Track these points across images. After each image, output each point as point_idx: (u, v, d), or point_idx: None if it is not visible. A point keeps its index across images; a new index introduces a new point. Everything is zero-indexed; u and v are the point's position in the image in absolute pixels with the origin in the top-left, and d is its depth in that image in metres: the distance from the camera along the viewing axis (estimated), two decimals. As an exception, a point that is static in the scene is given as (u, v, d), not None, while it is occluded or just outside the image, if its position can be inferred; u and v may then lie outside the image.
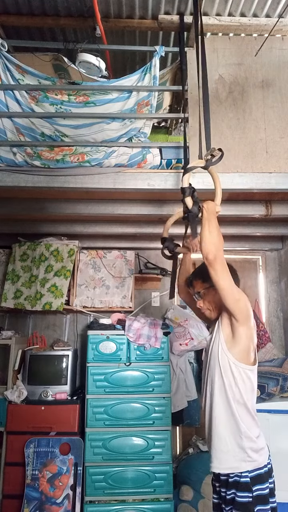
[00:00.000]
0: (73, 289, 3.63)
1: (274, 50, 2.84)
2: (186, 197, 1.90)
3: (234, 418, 1.65)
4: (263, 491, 1.59)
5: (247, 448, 1.62)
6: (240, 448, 1.63)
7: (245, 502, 1.56)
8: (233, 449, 1.63)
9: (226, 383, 1.66)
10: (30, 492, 2.93)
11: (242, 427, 1.64)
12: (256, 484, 1.59)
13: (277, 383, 3.05)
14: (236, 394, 1.65)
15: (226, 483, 1.65)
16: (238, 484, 1.59)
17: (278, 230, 3.52)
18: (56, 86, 2.69)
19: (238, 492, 1.58)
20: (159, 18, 2.71)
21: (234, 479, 1.61)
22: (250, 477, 1.59)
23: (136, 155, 2.68)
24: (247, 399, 1.65)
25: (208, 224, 1.71)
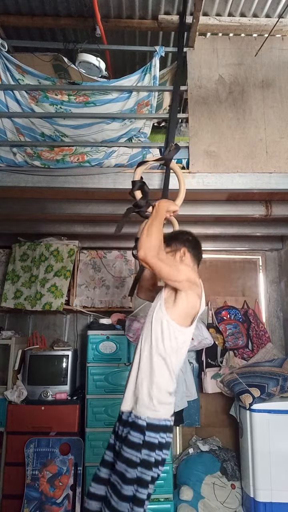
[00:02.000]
0: (73, 289, 3.64)
1: (274, 50, 2.84)
2: (135, 190, 1.90)
3: (151, 367, 1.73)
4: (153, 439, 1.66)
5: (154, 397, 1.70)
6: (148, 396, 1.70)
7: (135, 442, 1.65)
8: (142, 395, 1.71)
9: (153, 336, 1.75)
10: (30, 492, 2.93)
11: (156, 378, 1.72)
12: (150, 431, 1.67)
13: (277, 383, 3.05)
14: (159, 348, 1.73)
15: (125, 422, 1.74)
16: (134, 424, 1.69)
17: (278, 230, 3.52)
18: (56, 86, 2.69)
19: (132, 431, 1.67)
20: (159, 18, 2.71)
21: (133, 419, 1.70)
22: (147, 422, 1.67)
23: (136, 155, 2.68)
24: (168, 356, 1.73)
25: (150, 222, 1.74)
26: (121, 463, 1.65)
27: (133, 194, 1.91)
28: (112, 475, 1.70)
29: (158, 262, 1.65)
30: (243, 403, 3.00)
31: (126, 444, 1.67)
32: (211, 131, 2.70)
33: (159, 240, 1.67)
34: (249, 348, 3.69)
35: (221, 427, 3.67)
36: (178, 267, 1.76)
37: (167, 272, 1.69)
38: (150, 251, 1.63)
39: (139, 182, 1.90)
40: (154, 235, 1.66)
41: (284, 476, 2.84)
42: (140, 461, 1.63)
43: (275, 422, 2.92)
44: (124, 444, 1.68)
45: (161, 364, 1.73)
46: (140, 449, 1.64)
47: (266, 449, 2.87)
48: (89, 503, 1.74)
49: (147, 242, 1.64)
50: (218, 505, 3.05)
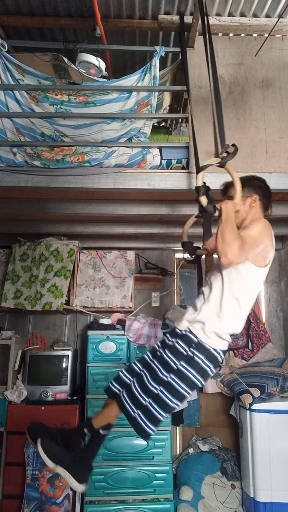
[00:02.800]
0: (73, 289, 3.63)
1: (274, 50, 2.84)
2: (201, 196, 1.89)
3: (221, 306, 1.73)
4: (197, 359, 1.67)
5: (215, 328, 1.71)
6: (210, 325, 1.71)
7: (179, 350, 1.69)
8: (205, 322, 1.72)
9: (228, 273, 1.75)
10: (30, 492, 2.93)
11: (224, 317, 1.72)
12: (197, 350, 1.68)
13: (277, 383, 3.05)
14: (233, 286, 1.74)
15: (175, 334, 1.78)
16: (184, 336, 1.72)
17: (278, 230, 3.51)
18: (56, 86, 2.69)
19: (180, 341, 1.71)
20: (159, 18, 2.71)
21: (186, 333, 1.73)
22: (198, 340, 1.69)
23: (136, 155, 2.68)
24: (240, 295, 1.74)
25: (222, 227, 1.71)
26: (158, 362, 1.70)
27: (199, 200, 1.90)
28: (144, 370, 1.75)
29: (242, 257, 1.67)
30: (243, 403, 3.00)
31: (170, 350, 1.70)
32: (211, 131, 2.69)
33: (235, 240, 1.65)
34: (249, 348, 3.69)
35: (221, 427, 3.67)
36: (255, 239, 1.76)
37: (253, 254, 1.73)
38: (232, 255, 1.62)
39: (203, 187, 1.90)
40: (230, 239, 1.65)
41: (284, 476, 2.84)
42: (176, 368, 1.66)
43: (275, 422, 2.92)
44: (168, 349, 1.71)
45: (231, 304, 1.73)
46: (180, 359, 1.67)
47: (266, 449, 2.87)
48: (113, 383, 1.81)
49: (225, 248, 1.63)
50: (218, 505, 3.05)
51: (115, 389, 1.79)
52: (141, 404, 1.68)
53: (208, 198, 1.88)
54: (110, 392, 1.81)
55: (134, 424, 1.69)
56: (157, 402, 1.66)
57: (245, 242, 1.68)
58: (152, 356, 1.80)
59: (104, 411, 1.81)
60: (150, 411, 1.66)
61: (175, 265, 4.06)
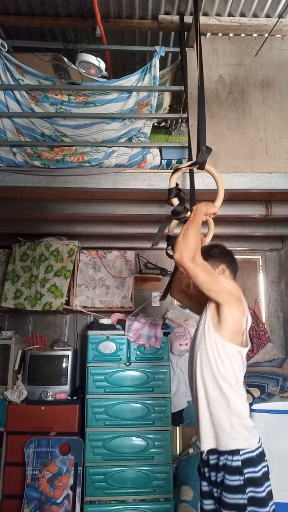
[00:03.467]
0: (73, 289, 3.63)
1: (274, 50, 2.84)
2: (172, 197, 1.90)
3: (222, 395, 1.62)
4: (256, 474, 1.54)
5: (236, 425, 1.59)
6: (230, 425, 1.59)
7: (235, 485, 1.52)
8: (223, 426, 1.60)
9: (212, 362, 1.65)
10: (30, 492, 2.93)
11: (231, 403, 1.61)
12: (248, 467, 1.54)
13: (277, 383, 3.05)
14: (222, 372, 1.63)
15: (215, 466, 1.61)
16: (226, 467, 1.55)
17: (278, 230, 3.52)
18: (56, 86, 2.69)
19: (228, 475, 1.54)
20: (159, 18, 2.71)
21: (224, 462, 1.56)
22: (241, 460, 1.54)
23: (136, 155, 2.68)
24: (234, 378, 1.64)
25: (187, 225, 1.71)
26: (228, 510, 1.53)
27: (170, 201, 1.91)
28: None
29: (194, 266, 1.60)
30: (243, 403, 3.00)
31: (227, 490, 1.53)
32: (211, 131, 2.70)
33: (196, 244, 1.63)
34: (249, 348, 3.69)
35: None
36: (217, 276, 1.70)
37: (204, 277, 1.62)
38: (186, 253, 1.59)
39: (175, 189, 1.91)
40: (190, 238, 1.63)
41: (284, 476, 2.84)
42: (248, 501, 1.51)
43: (275, 422, 2.91)
44: (224, 490, 1.54)
45: (230, 390, 1.62)
46: (244, 490, 1.51)
47: (266, 449, 2.86)
48: None
49: (183, 245, 1.61)
50: (218, 505, 3.05)
51: None
52: None
53: (179, 199, 1.89)
54: None
55: None
56: None
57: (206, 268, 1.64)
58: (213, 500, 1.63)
59: None
60: None
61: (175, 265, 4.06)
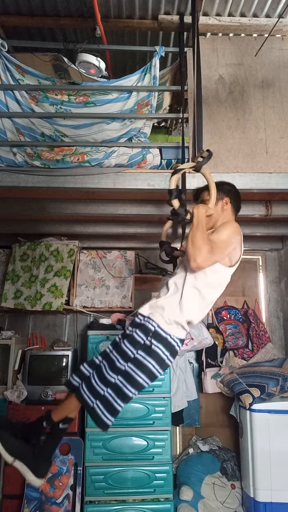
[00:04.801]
0: (73, 289, 3.63)
1: (274, 50, 2.84)
2: (173, 199, 1.90)
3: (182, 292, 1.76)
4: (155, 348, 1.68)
5: (174, 314, 1.73)
6: (169, 311, 1.73)
7: (136, 339, 1.70)
8: (165, 307, 1.74)
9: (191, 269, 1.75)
10: (30, 492, 2.93)
11: (184, 303, 1.74)
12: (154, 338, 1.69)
13: (277, 383, 3.05)
14: (196, 279, 1.76)
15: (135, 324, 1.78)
16: (142, 325, 1.72)
17: (278, 230, 3.52)
18: (56, 86, 2.69)
19: (138, 331, 1.72)
20: (159, 18, 2.71)
21: (144, 322, 1.73)
22: (155, 328, 1.70)
23: (136, 155, 2.68)
24: (202, 288, 1.77)
25: (192, 232, 1.75)
26: (116, 352, 1.72)
27: (170, 203, 1.91)
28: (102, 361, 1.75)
29: (210, 261, 1.70)
30: (243, 403, 3.00)
31: (128, 339, 1.71)
32: (211, 131, 2.70)
33: (204, 245, 1.68)
34: (249, 348, 3.69)
35: (221, 427, 3.67)
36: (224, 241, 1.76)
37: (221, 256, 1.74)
38: (200, 259, 1.66)
39: (176, 190, 1.91)
40: (200, 243, 1.68)
41: (284, 476, 2.84)
42: (133, 357, 1.67)
43: (275, 422, 2.92)
44: (126, 339, 1.72)
45: (192, 295, 1.76)
46: (138, 348, 1.68)
47: (266, 449, 2.87)
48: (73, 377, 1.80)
49: (196, 252, 1.66)
50: (218, 505, 3.05)
51: (75, 382, 1.78)
52: (99, 394, 1.67)
53: (180, 201, 1.89)
54: (70, 385, 1.80)
55: (93, 415, 1.68)
56: (115, 392, 1.67)
57: (215, 246, 1.72)
58: (112, 348, 1.80)
59: (64, 404, 1.81)
60: (108, 401, 1.66)
61: (175, 265, 4.06)
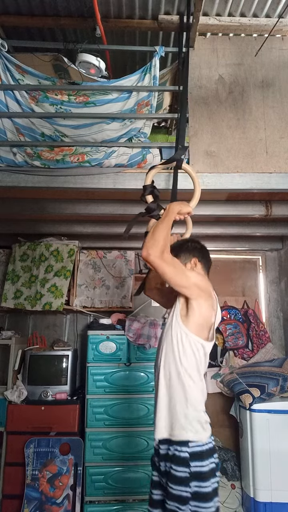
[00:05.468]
0: (73, 289, 3.63)
1: (274, 50, 2.84)
2: (146, 195, 1.92)
3: (182, 386, 1.64)
4: (202, 468, 1.55)
5: (190, 417, 1.61)
6: (185, 417, 1.61)
7: (181, 476, 1.53)
8: (178, 418, 1.62)
9: (176, 353, 1.67)
10: (30, 492, 2.93)
11: (189, 397, 1.63)
12: (195, 460, 1.55)
13: (277, 383, 3.05)
14: (184, 364, 1.66)
15: (164, 456, 1.63)
16: (174, 458, 1.57)
17: (278, 230, 3.52)
18: (56, 86, 2.69)
19: (174, 466, 1.56)
20: (159, 18, 2.71)
21: (173, 452, 1.59)
22: (189, 452, 1.56)
23: (136, 155, 2.68)
24: (196, 371, 1.67)
25: (157, 223, 1.73)
26: (172, 501, 1.53)
27: (144, 198, 1.92)
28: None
29: (161, 263, 1.60)
30: (243, 403, 3.00)
31: (172, 481, 1.55)
32: (211, 131, 2.70)
33: (164, 241, 1.63)
34: (249, 348, 3.69)
35: (221, 427, 3.67)
36: (186, 272, 1.70)
37: (172, 274, 1.63)
38: (153, 250, 1.59)
39: (150, 186, 1.93)
40: (159, 236, 1.63)
41: (284, 476, 2.84)
42: (191, 495, 1.51)
43: (275, 422, 2.92)
44: (169, 481, 1.56)
45: (190, 382, 1.65)
46: (187, 482, 1.52)
47: (266, 449, 2.87)
48: None
49: (151, 242, 1.61)
50: (218, 505, 3.05)
51: None
52: None
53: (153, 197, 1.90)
54: None
55: None
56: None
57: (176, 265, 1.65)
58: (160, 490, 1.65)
59: None
60: None
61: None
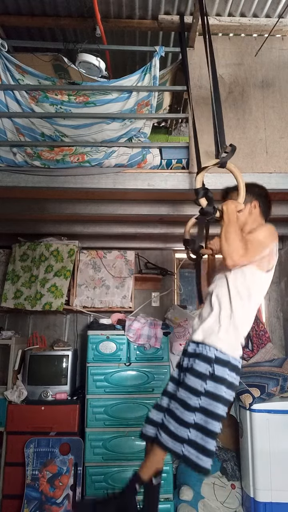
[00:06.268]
0: (73, 289, 3.63)
1: (274, 50, 2.84)
2: (200, 198, 1.89)
3: (231, 304, 1.70)
4: (221, 374, 1.61)
5: (232, 334, 1.67)
6: (226, 330, 1.67)
7: (201, 372, 1.60)
8: (219, 327, 1.67)
9: (232, 275, 1.73)
10: (30, 492, 2.93)
11: (235, 315, 1.69)
12: (218, 365, 1.61)
13: (277, 383, 3.05)
14: (239, 286, 1.71)
15: (191, 354, 1.69)
16: (201, 355, 1.64)
17: (278, 230, 3.47)
18: (56, 86, 2.69)
19: (198, 361, 1.62)
20: (159, 18, 2.71)
21: (201, 351, 1.65)
22: (215, 355, 1.62)
23: (136, 155, 2.68)
24: (247, 296, 1.72)
25: (225, 228, 1.71)
26: (184, 390, 1.60)
27: (198, 202, 1.90)
28: (171, 403, 1.64)
29: (247, 260, 1.66)
30: (243, 403, 3.00)
31: (191, 373, 1.61)
32: (211, 131, 2.69)
33: (238, 242, 1.65)
34: (249, 348, 3.69)
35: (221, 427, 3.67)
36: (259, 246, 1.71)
37: (256, 257, 1.69)
38: (236, 256, 1.63)
39: (202, 189, 1.89)
40: (233, 240, 1.65)
41: (284, 476, 2.84)
42: (204, 391, 1.57)
43: (275, 422, 2.91)
44: (189, 373, 1.62)
45: (240, 304, 1.71)
46: (204, 379, 1.59)
47: (266, 449, 2.87)
48: (146, 427, 1.73)
49: (230, 249, 1.64)
50: (218, 505, 3.04)
51: (150, 433, 1.70)
52: (183, 439, 1.56)
53: (207, 199, 1.88)
54: (146, 437, 1.72)
55: (188, 462, 1.55)
56: (200, 431, 1.57)
57: (251, 245, 1.68)
58: (176, 385, 1.71)
59: (148, 458, 1.72)
60: (197, 444, 1.56)
61: (175, 265, 4.06)
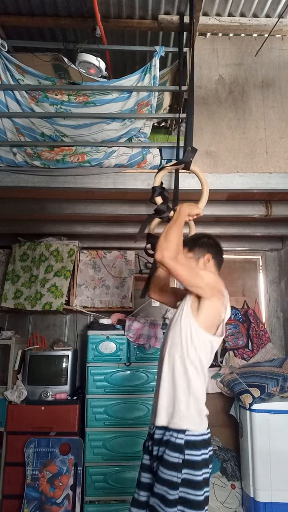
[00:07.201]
0: (73, 289, 3.64)
1: (274, 50, 2.84)
2: (155, 196, 1.91)
3: (186, 376, 1.65)
4: (195, 457, 1.55)
5: (191, 407, 1.62)
6: (186, 406, 1.62)
7: (174, 462, 1.54)
8: (179, 406, 1.62)
9: (183, 344, 1.68)
10: (30, 492, 2.94)
11: (193, 388, 1.64)
12: (190, 449, 1.56)
13: (277, 383, 3.05)
14: (191, 355, 1.66)
15: (159, 441, 1.63)
16: (169, 443, 1.58)
17: (278, 230, 3.52)
18: (56, 86, 2.69)
19: (168, 450, 1.56)
20: (159, 18, 2.71)
21: (168, 438, 1.59)
22: (185, 439, 1.57)
23: (136, 155, 2.68)
24: (199, 364, 1.67)
25: (169, 225, 1.72)
26: (161, 485, 1.53)
27: (153, 200, 1.91)
28: (151, 498, 1.58)
29: (176, 265, 1.61)
30: (243, 403, 3.00)
31: (164, 465, 1.55)
32: (211, 131, 2.70)
33: (177, 243, 1.64)
34: (249, 348, 3.69)
35: (221, 427, 3.67)
36: (199, 272, 1.71)
37: (186, 276, 1.64)
38: (168, 253, 1.60)
39: (159, 188, 1.92)
40: (172, 238, 1.63)
41: (284, 476, 2.84)
42: (181, 481, 1.51)
43: (275, 422, 2.92)
44: (161, 465, 1.56)
45: (195, 373, 1.66)
46: (179, 468, 1.52)
47: (266, 449, 2.87)
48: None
49: (164, 244, 1.62)
50: (218, 505, 3.05)
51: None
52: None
53: (163, 198, 1.90)
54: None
55: None
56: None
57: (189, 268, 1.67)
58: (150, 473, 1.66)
59: None
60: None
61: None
